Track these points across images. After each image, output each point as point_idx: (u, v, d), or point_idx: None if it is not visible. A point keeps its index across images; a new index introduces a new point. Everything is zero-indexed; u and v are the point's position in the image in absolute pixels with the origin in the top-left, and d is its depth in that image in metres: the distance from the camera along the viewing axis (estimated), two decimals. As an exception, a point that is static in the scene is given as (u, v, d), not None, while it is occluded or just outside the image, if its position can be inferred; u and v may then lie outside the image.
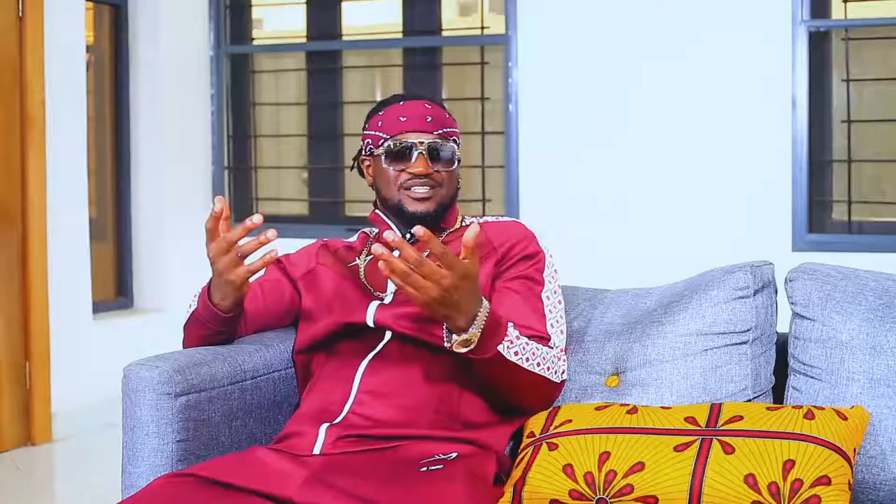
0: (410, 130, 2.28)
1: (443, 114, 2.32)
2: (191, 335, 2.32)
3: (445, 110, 2.35)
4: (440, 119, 2.30)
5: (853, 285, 2.21)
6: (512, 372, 2.10)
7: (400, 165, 2.27)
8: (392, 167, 2.28)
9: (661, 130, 4.80)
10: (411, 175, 2.26)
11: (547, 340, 2.19)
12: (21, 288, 4.61)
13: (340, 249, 2.41)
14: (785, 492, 1.87)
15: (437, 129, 2.29)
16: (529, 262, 2.26)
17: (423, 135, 2.27)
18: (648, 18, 4.79)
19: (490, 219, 2.39)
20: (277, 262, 2.42)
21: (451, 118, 2.35)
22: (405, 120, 2.28)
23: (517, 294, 2.22)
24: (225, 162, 5.71)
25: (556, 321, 2.23)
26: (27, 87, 4.59)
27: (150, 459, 2.14)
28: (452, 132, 2.32)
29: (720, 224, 4.69)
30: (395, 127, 2.29)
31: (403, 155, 2.27)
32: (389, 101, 2.36)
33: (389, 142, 2.28)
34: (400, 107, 2.31)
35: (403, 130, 2.28)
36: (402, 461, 2.04)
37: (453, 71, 5.52)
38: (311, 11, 5.72)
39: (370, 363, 2.19)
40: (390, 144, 2.28)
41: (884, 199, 4.88)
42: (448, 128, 2.31)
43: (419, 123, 2.28)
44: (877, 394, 2.10)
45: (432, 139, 2.27)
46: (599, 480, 1.97)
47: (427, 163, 2.26)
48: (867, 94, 4.82)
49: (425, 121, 2.28)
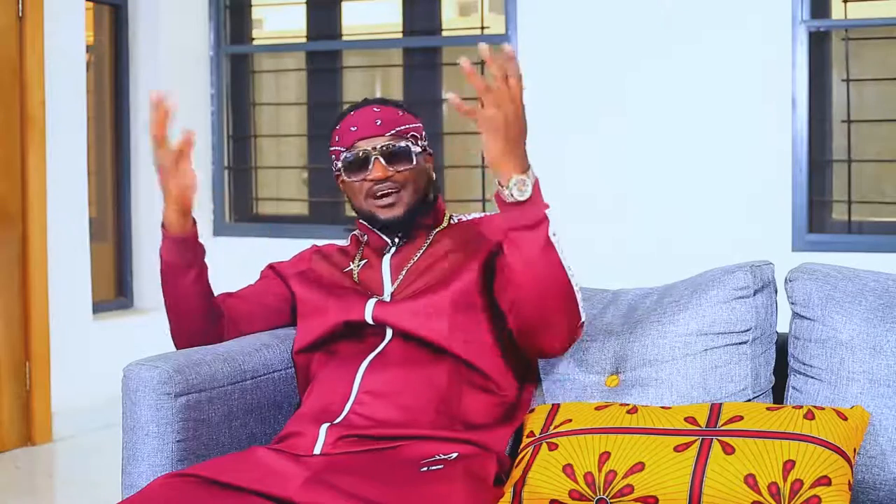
0: (362, 138, 2.28)
1: (394, 113, 2.31)
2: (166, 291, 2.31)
3: (399, 108, 2.33)
4: (391, 119, 2.29)
5: (853, 285, 2.21)
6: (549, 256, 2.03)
7: (360, 175, 2.27)
8: (353, 178, 2.28)
9: (661, 130, 4.80)
10: (372, 182, 2.26)
11: None
12: (21, 288, 4.62)
13: (333, 254, 2.42)
14: (785, 492, 1.87)
15: (388, 130, 2.28)
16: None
17: (374, 140, 2.27)
18: (648, 19, 4.79)
19: (478, 215, 2.39)
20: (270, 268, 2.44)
21: (408, 115, 2.33)
22: (356, 129, 2.28)
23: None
24: (225, 162, 5.71)
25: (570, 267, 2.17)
26: (27, 87, 4.59)
27: (150, 459, 2.14)
28: (408, 129, 2.31)
29: (720, 224, 4.68)
30: (348, 138, 2.29)
31: (361, 164, 2.27)
32: (343, 113, 2.36)
33: (345, 153, 2.28)
34: (351, 117, 2.31)
35: (355, 139, 2.28)
36: (403, 461, 2.04)
37: (453, 71, 5.52)
38: (311, 11, 5.72)
39: (371, 363, 2.19)
40: (347, 156, 2.28)
41: (884, 199, 4.88)
42: (401, 126, 2.30)
43: (369, 129, 2.28)
44: (877, 394, 2.10)
45: (385, 141, 2.27)
46: (599, 480, 1.98)
47: (384, 167, 2.25)
48: (867, 94, 4.82)
49: (375, 125, 2.28)
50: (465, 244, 2.28)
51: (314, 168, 5.75)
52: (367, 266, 2.33)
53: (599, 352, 2.32)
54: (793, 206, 4.61)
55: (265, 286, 2.43)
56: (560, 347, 2.16)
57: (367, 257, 2.35)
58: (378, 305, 2.23)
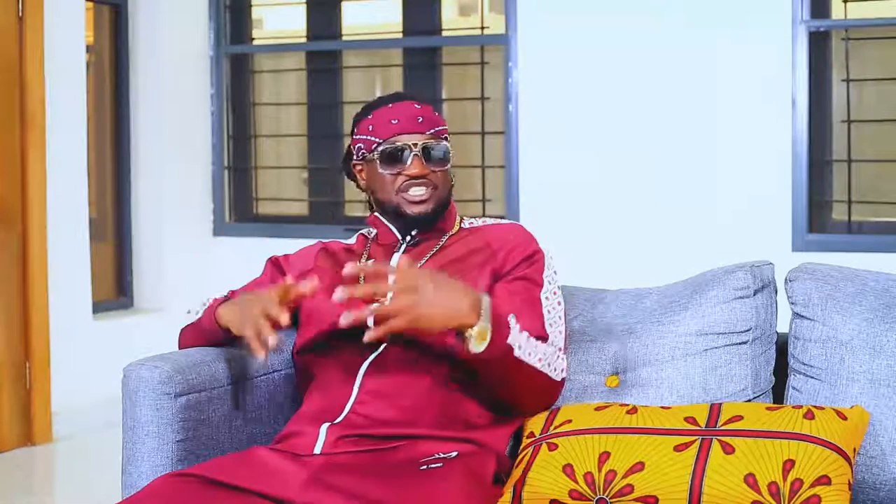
0: (403, 132, 2.27)
1: (432, 113, 2.32)
2: (187, 340, 2.35)
3: (433, 109, 2.34)
4: (431, 119, 2.30)
5: (853, 285, 2.21)
6: (516, 367, 2.09)
7: (395, 168, 2.27)
8: (387, 171, 2.27)
9: (661, 130, 4.80)
10: (407, 177, 2.26)
11: (545, 339, 2.19)
12: (21, 288, 4.61)
13: (339, 252, 2.41)
14: (785, 492, 1.87)
15: (428, 128, 2.28)
16: (528, 264, 2.26)
17: (415, 136, 2.27)
18: (648, 18, 4.79)
19: (490, 221, 2.39)
20: (274, 263, 2.43)
21: (440, 116, 2.34)
22: (396, 122, 2.28)
23: (515, 295, 2.21)
24: (225, 162, 5.71)
25: (555, 321, 2.23)
26: (27, 87, 4.59)
27: (150, 459, 2.14)
28: (443, 130, 2.32)
29: (720, 224, 4.68)
30: (386, 130, 2.28)
31: (398, 157, 2.26)
32: (376, 104, 2.35)
33: (383, 145, 2.28)
34: (389, 109, 2.30)
35: (396, 133, 2.27)
36: (403, 461, 2.04)
37: (453, 71, 5.52)
38: (311, 11, 5.72)
39: (371, 363, 2.19)
40: (384, 148, 2.27)
41: (884, 199, 4.88)
42: (439, 126, 2.31)
43: (411, 125, 2.27)
44: (877, 394, 2.10)
45: (425, 140, 2.27)
46: (599, 480, 1.98)
47: (422, 164, 2.26)
48: (867, 94, 4.82)
49: (417, 121, 2.28)
50: (473, 254, 2.28)
51: (314, 168, 5.75)
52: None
53: (599, 352, 2.32)
54: (793, 206, 4.61)
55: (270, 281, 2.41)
56: (537, 411, 2.22)
57: (375, 256, 2.34)
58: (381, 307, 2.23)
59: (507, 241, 2.28)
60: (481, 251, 2.27)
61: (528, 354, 2.09)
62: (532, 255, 2.26)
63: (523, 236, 2.30)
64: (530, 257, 2.26)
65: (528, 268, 2.25)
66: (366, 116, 2.34)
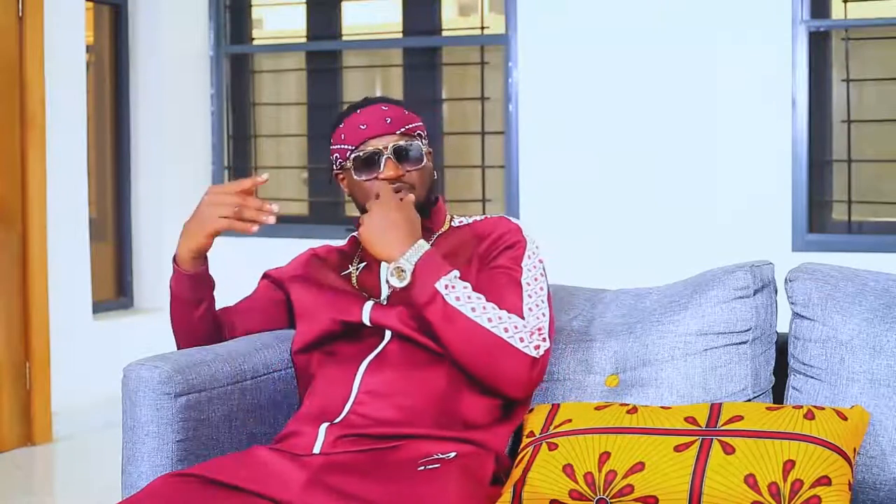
0: (372, 136, 2.26)
1: (401, 112, 2.30)
2: (175, 318, 2.35)
3: (403, 107, 2.32)
4: (399, 118, 2.28)
5: (853, 285, 2.21)
6: (457, 322, 2.08)
7: (370, 174, 2.26)
8: (363, 177, 2.27)
9: (661, 130, 4.80)
10: (383, 181, 2.25)
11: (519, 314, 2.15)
12: (21, 288, 4.61)
13: (331, 254, 2.41)
14: (785, 492, 1.87)
15: (398, 128, 2.27)
16: (509, 252, 2.25)
17: (385, 138, 2.26)
18: (648, 18, 4.79)
19: (479, 218, 2.39)
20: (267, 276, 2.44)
21: (411, 113, 2.32)
22: (365, 127, 2.26)
23: (494, 280, 2.20)
24: (225, 162, 5.71)
25: (536, 305, 2.18)
26: (27, 87, 4.59)
27: (150, 459, 2.14)
28: (415, 128, 2.30)
29: (720, 224, 4.68)
30: (356, 136, 2.27)
31: (372, 162, 2.25)
32: (347, 111, 2.34)
33: (355, 152, 2.27)
34: (358, 115, 2.29)
35: (366, 138, 2.26)
36: (401, 461, 2.04)
37: (453, 71, 5.52)
38: (311, 11, 5.72)
39: (370, 364, 2.19)
40: (356, 155, 2.26)
41: (884, 199, 4.88)
42: (409, 124, 2.29)
43: (380, 127, 2.26)
44: (877, 394, 2.10)
45: (396, 140, 2.26)
46: (599, 480, 1.98)
47: (396, 166, 2.24)
48: (867, 94, 4.82)
49: (385, 123, 2.26)
50: (463, 249, 2.28)
51: (314, 168, 5.75)
52: (366, 269, 2.33)
53: (599, 352, 2.32)
54: (793, 206, 4.61)
55: (263, 295, 2.43)
56: (515, 392, 2.14)
57: (366, 259, 2.34)
58: (375, 308, 2.23)
59: (492, 231, 2.28)
60: (468, 244, 2.28)
61: (470, 310, 2.08)
62: (513, 244, 2.25)
63: (506, 226, 2.29)
64: (511, 246, 2.25)
65: (509, 255, 2.24)
66: (338, 125, 2.32)
